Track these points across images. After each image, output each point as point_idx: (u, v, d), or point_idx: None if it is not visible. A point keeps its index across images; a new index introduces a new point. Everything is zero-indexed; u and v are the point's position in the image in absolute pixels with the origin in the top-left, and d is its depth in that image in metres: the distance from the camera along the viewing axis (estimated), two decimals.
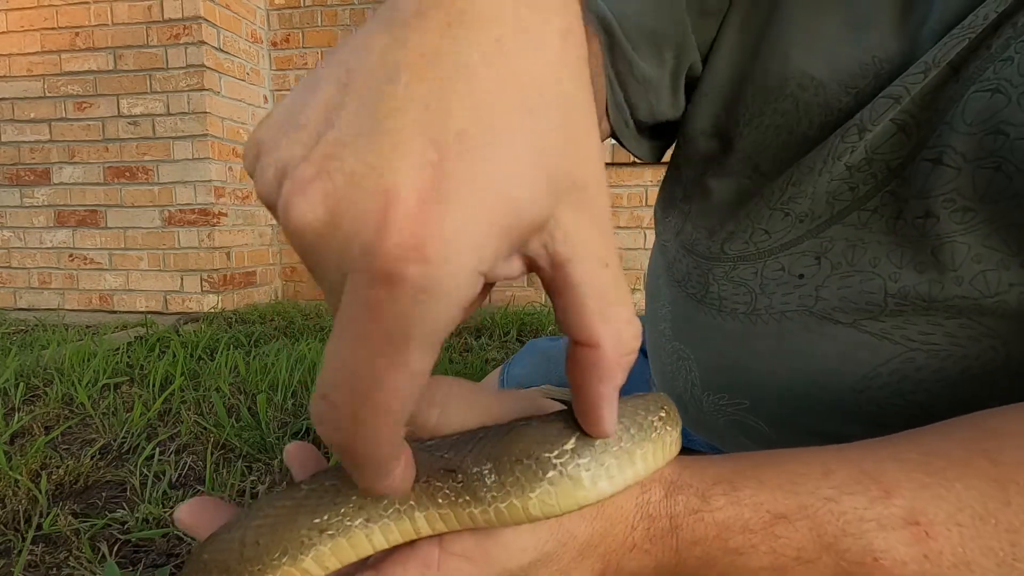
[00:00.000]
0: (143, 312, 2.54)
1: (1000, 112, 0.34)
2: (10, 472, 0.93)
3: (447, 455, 0.25)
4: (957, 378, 0.39)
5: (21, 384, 1.37)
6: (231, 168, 2.61)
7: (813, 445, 0.30)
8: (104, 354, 1.60)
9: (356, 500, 0.25)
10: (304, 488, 0.26)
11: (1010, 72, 0.34)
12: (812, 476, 0.27)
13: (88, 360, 1.58)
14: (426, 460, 0.24)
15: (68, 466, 0.98)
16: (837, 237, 0.42)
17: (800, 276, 0.44)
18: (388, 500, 0.25)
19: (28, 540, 0.77)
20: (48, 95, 2.58)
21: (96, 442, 1.11)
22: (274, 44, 2.89)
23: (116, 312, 2.59)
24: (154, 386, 1.39)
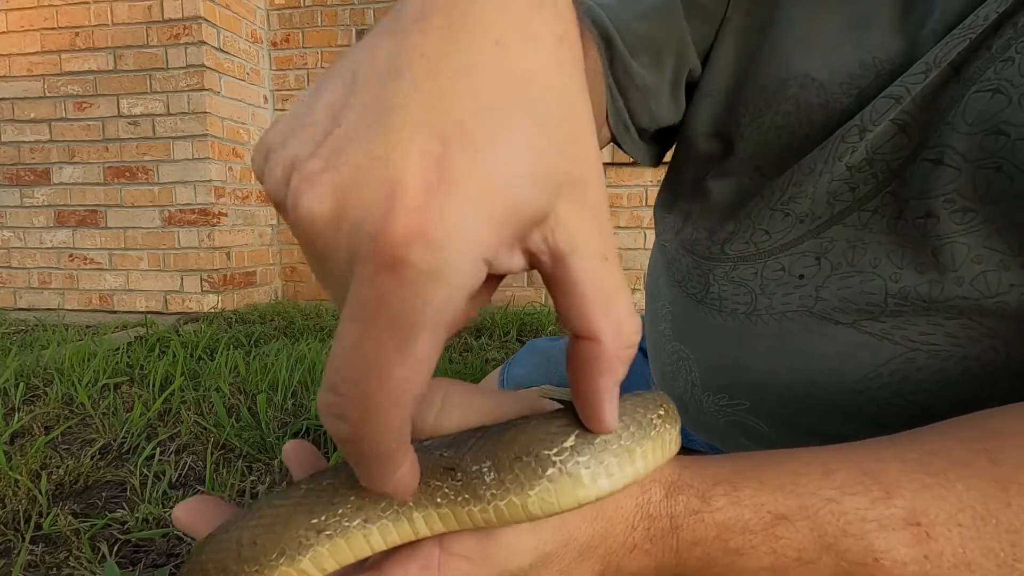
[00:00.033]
0: (143, 312, 2.54)
1: (1001, 112, 0.34)
2: (10, 472, 0.93)
3: (446, 454, 0.24)
4: (957, 379, 0.39)
5: (21, 384, 1.37)
6: (231, 168, 2.61)
7: (813, 445, 0.30)
8: (104, 354, 1.60)
9: (354, 501, 0.25)
10: (302, 488, 0.26)
11: (1011, 72, 0.34)
12: (813, 476, 0.27)
13: (88, 360, 1.58)
14: (424, 459, 0.24)
15: (68, 466, 0.98)
16: (837, 237, 0.42)
17: (800, 276, 0.44)
18: (387, 501, 0.24)
19: (28, 540, 0.77)
20: (48, 95, 2.58)
21: (96, 442, 1.11)
22: (274, 44, 2.89)
23: (116, 312, 2.59)
24: (154, 386, 1.39)
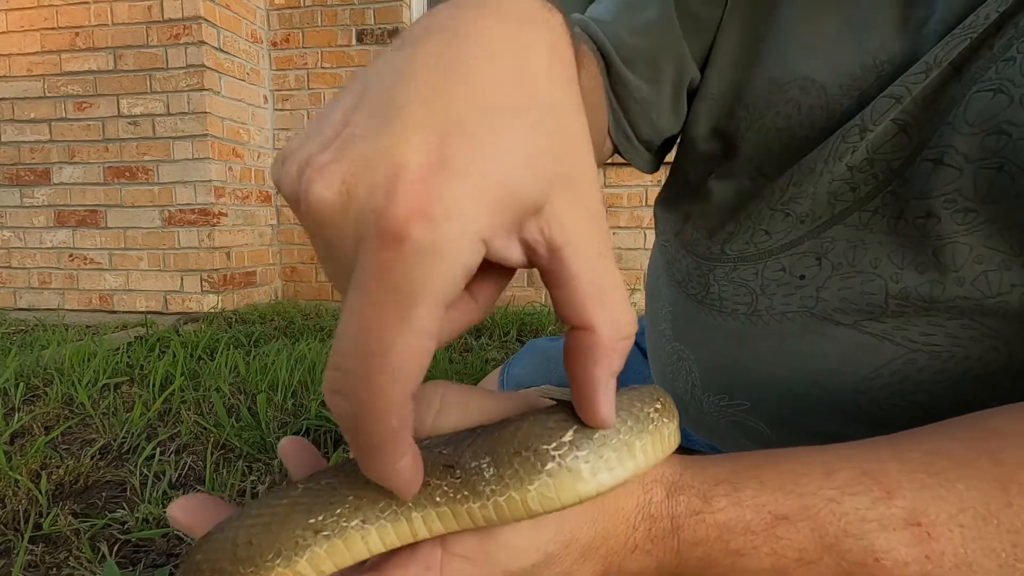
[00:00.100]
0: (143, 312, 2.54)
1: (1002, 112, 0.34)
2: (10, 472, 0.93)
3: (444, 451, 0.24)
4: (959, 379, 0.39)
5: (21, 384, 1.37)
6: (231, 168, 2.61)
7: (814, 446, 0.30)
8: (104, 354, 1.60)
9: (352, 501, 0.24)
10: (300, 487, 0.26)
11: (1012, 72, 0.34)
12: (813, 476, 0.27)
13: (88, 360, 1.58)
14: (423, 458, 0.24)
15: (68, 466, 0.98)
16: (838, 238, 0.42)
17: (801, 277, 0.44)
18: (385, 501, 0.24)
19: (28, 540, 0.77)
20: (48, 95, 2.58)
21: (96, 442, 1.11)
22: (274, 44, 2.89)
23: (116, 312, 2.59)
24: (154, 386, 1.39)
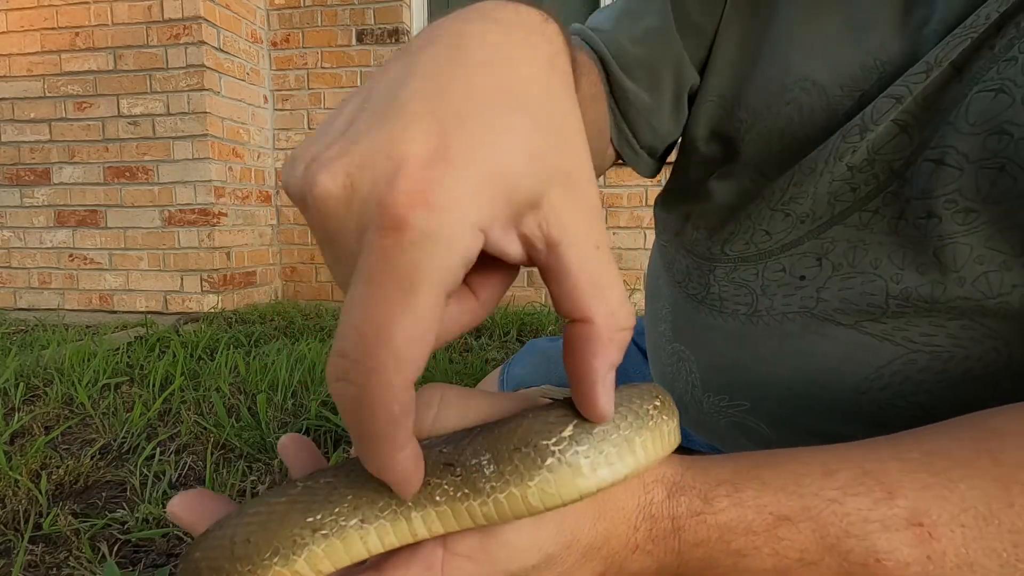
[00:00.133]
0: (143, 312, 2.54)
1: (1004, 112, 0.34)
2: (10, 472, 0.93)
3: (444, 450, 0.24)
4: (959, 380, 0.39)
5: (21, 384, 1.37)
6: (231, 168, 2.61)
7: (814, 446, 0.30)
8: (104, 354, 1.60)
9: (352, 500, 0.24)
10: (299, 485, 0.25)
11: (1014, 72, 0.34)
12: (814, 477, 0.27)
13: (88, 360, 1.58)
14: (423, 457, 0.24)
15: (68, 466, 0.98)
16: (838, 238, 0.42)
17: (801, 277, 0.44)
18: (384, 500, 0.24)
19: (28, 540, 0.77)
20: (48, 95, 2.57)
21: (96, 442, 1.11)
22: (274, 44, 2.89)
23: (116, 312, 2.59)
24: (154, 386, 1.39)
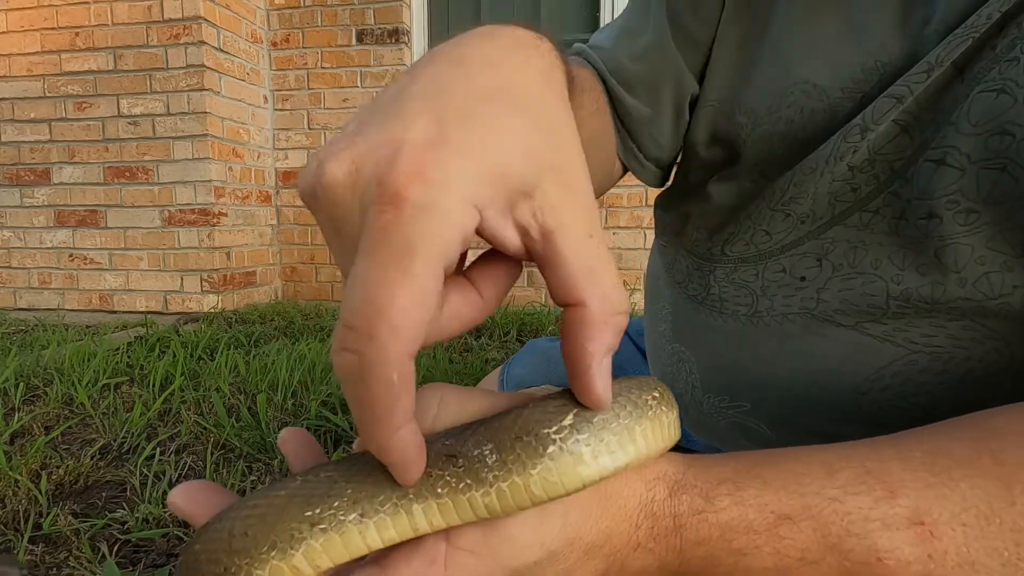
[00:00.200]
0: (143, 312, 2.54)
1: (1006, 113, 0.34)
2: (10, 472, 0.93)
3: (447, 442, 0.24)
4: (960, 380, 0.39)
5: (21, 384, 1.37)
6: (231, 168, 2.61)
7: (815, 445, 0.30)
8: (104, 354, 1.60)
9: (351, 494, 0.24)
10: (299, 479, 0.25)
11: (1016, 72, 0.34)
12: (816, 476, 0.27)
13: (88, 360, 1.58)
14: (426, 450, 0.24)
15: (68, 466, 0.98)
16: (839, 238, 0.42)
17: (802, 278, 0.44)
18: (385, 494, 0.24)
19: (28, 540, 0.77)
20: (48, 95, 2.58)
21: (96, 442, 1.11)
22: (274, 44, 2.89)
23: (116, 312, 2.59)
24: (154, 386, 1.39)
